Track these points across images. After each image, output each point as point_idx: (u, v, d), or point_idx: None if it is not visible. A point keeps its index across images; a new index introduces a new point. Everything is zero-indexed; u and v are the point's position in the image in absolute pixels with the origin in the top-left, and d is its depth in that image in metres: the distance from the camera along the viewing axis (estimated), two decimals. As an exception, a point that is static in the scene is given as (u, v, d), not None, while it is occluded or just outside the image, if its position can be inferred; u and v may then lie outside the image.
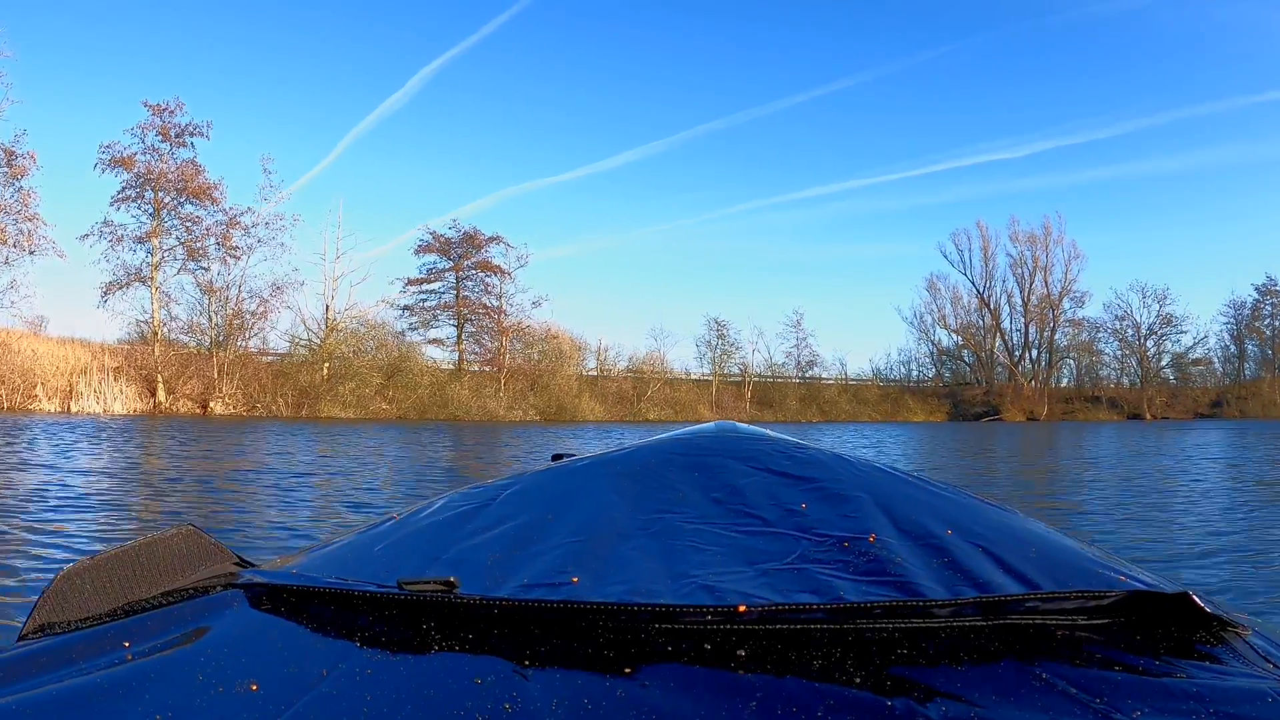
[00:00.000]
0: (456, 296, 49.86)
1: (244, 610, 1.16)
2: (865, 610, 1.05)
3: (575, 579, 1.19)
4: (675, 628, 1.04)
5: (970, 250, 68.91)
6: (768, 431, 1.92)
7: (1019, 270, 68.04)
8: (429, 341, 49.44)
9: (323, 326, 43.86)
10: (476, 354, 49.63)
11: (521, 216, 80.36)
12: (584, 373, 51.59)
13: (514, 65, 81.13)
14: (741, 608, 1.04)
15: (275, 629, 1.11)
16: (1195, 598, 1.06)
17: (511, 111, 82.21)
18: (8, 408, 33.36)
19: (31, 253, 36.61)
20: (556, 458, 1.98)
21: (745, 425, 2.02)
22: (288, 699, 0.91)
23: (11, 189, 36.34)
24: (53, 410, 33.83)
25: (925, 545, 1.29)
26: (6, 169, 36.15)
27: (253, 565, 1.41)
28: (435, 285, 50.36)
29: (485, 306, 49.85)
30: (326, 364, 41.94)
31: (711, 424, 2.03)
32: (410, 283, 49.92)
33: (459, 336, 49.62)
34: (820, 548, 1.28)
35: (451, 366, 48.49)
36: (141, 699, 0.91)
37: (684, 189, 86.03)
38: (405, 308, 49.55)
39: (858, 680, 0.93)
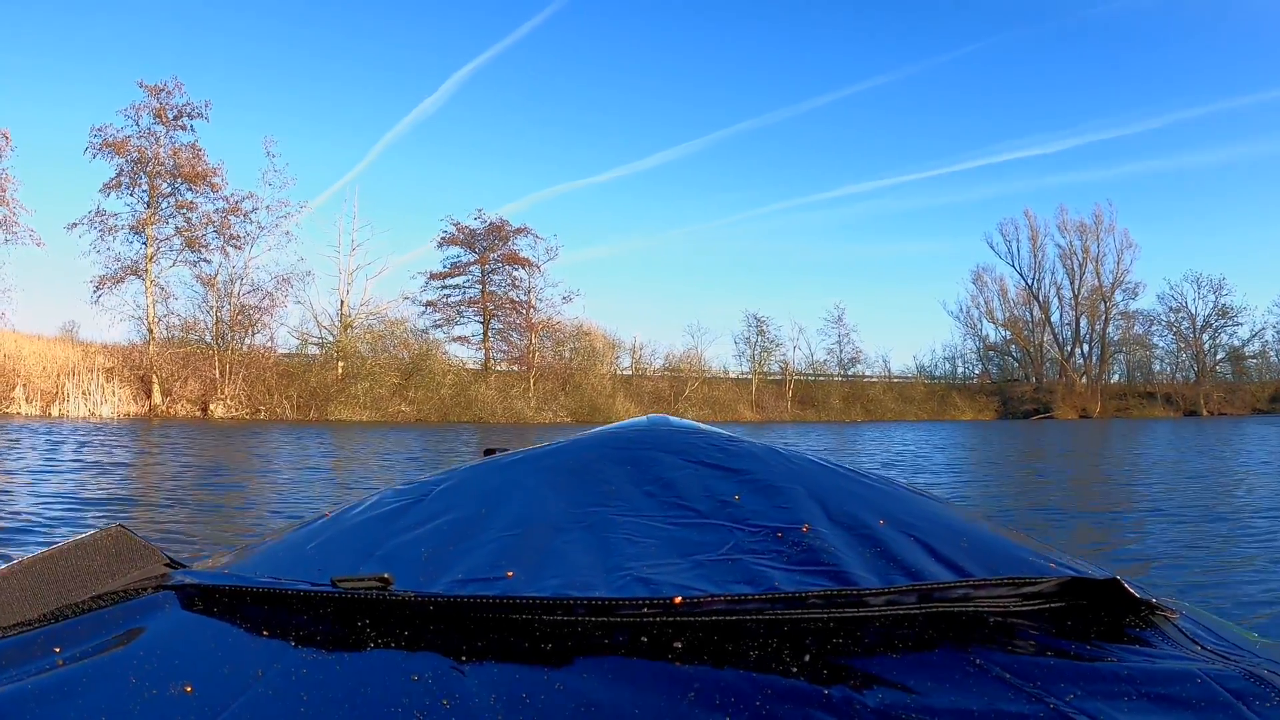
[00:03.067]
0: (482, 291, 45.17)
1: (176, 612, 1.11)
2: (800, 600, 1.03)
3: (510, 573, 1.18)
4: (612, 620, 1.02)
5: (1018, 241, 64.28)
6: (700, 425, 1.92)
7: (1069, 261, 63.51)
8: (453, 339, 44.96)
9: (336, 323, 39.41)
10: (504, 352, 45.14)
11: (554, 218, 78.07)
12: (618, 371, 47.48)
13: (546, 68, 78.18)
14: (677, 599, 1.02)
15: (209, 630, 1.08)
16: (1124, 583, 1.05)
17: (544, 114, 78.90)
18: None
19: (6, 241, 32.50)
20: (488, 452, 1.91)
21: (677, 419, 2.01)
22: (223, 700, 0.89)
23: None
24: (31, 414, 29.89)
25: (858, 535, 1.28)
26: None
27: (184, 566, 1.30)
28: (459, 280, 45.68)
29: (513, 301, 45.18)
30: (341, 363, 37.45)
31: (644, 418, 2.05)
32: (433, 277, 45.34)
33: (485, 334, 45.03)
34: (754, 538, 1.27)
35: (477, 366, 44.12)
36: (75, 704, 0.89)
37: (717, 189, 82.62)
38: (428, 304, 45.07)
39: (794, 670, 0.92)
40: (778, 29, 79.11)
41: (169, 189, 35.71)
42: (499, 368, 44.10)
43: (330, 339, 38.96)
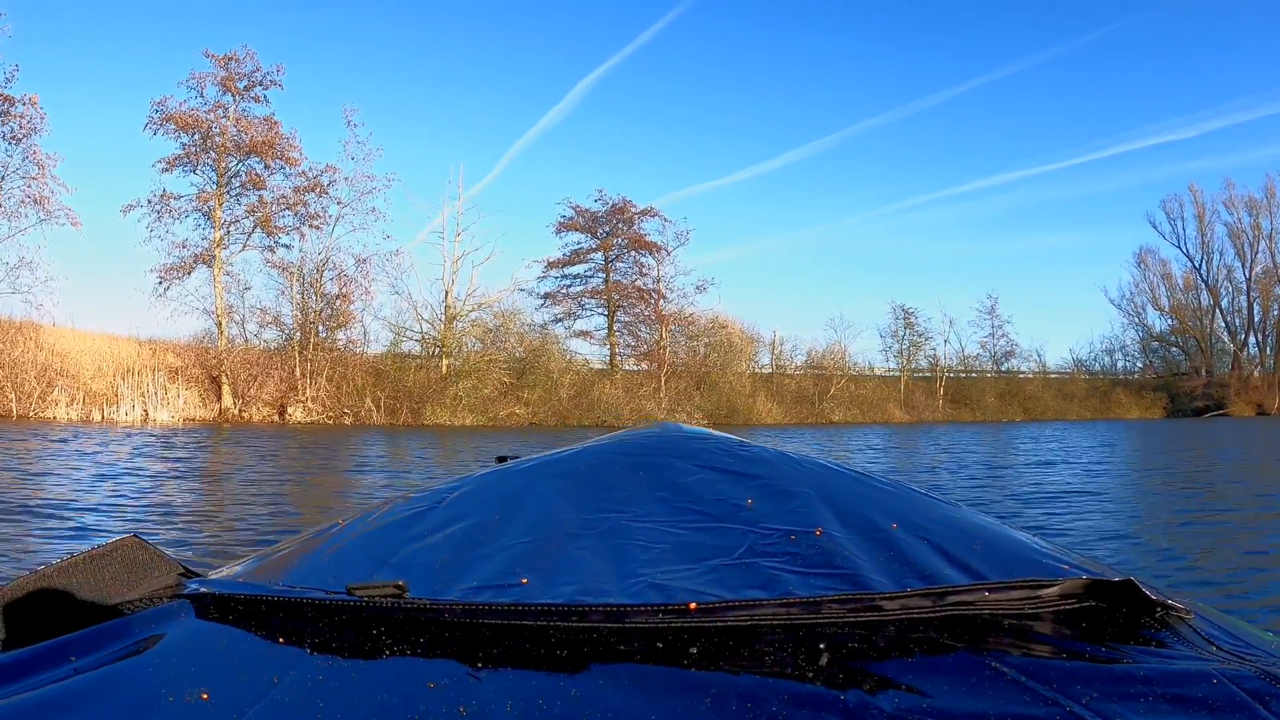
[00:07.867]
0: (605, 280, 37.24)
1: (191, 620, 1.07)
2: (815, 604, 0.99)
3: (525, 580, 1.13)
4: (627, 626, 0.98)
5: (1182, 220, 53.49)
6: (711, 430, 1.83)
7: (1239, 240, 52.57)
8: (574, 334, 37.09)
9: (440, 316, 31.58)
10: (631, 347, 37.02)
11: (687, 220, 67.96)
12: (757, 369, 38.87)
13: (671, 73, 70.62)
14: (692, 605, 0.98)
15: (224, 638, 1.03)
16: (1139, 584, 1.00)
17: (670, 117, 71.00)
18: (17, 415, 23.11)
19: (41, 221, 26.09)
20: (501, 460, 1.82)
21: (688, 425, 1.91)
22: (239, 707, 0.85)
23: (12, 145, 26.07)
24: (71, 419, 23.43)
25: (871, 539, 1.22)
26: (2, 117, 25.74)
27: (198, 575, 1.24)
28: (580, 268, 37.91)
29: (640, 291, 37.05)
30: (446, 361, 29.78)
31: (655, 424, 1.94)
32: (551, 265, 37.47)
33: (610, 327, 36.94)
34: (767, 541, 1.21)
35: (602, 364, 36.15)
36: (88, 712, 0.85)
37: (848, 187, 72.83)
38: (546, 295, 37.25)
39: (810, 674, 0.89)
40: (904, 23, 70.60)
41: (238, 165, 28.77)
42: (626, 365, 36.17)
43: (432, 333, 31.45)
